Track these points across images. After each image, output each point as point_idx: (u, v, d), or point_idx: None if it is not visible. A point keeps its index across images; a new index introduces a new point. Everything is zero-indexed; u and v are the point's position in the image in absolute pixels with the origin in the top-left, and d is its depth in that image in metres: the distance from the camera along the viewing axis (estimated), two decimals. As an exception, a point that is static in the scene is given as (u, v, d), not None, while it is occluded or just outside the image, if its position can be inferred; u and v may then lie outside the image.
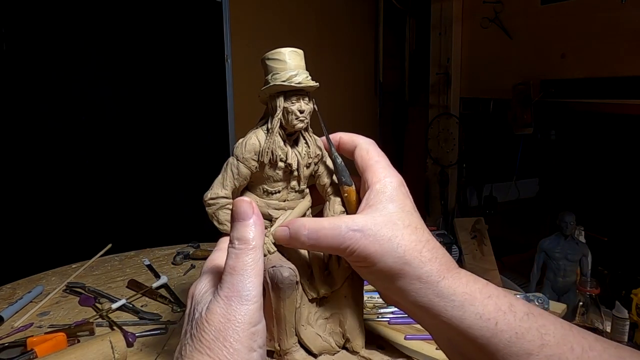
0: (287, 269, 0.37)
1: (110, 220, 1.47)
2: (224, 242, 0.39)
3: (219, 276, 0.34)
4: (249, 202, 0.32)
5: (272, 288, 0.38)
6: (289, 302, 0.38)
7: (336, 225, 0.35)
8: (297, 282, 0.38)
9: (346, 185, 0.40)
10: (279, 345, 0.40)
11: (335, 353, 0.42)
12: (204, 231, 0.68)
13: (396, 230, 0.35)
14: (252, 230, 0.31)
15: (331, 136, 0.43)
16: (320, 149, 0.42)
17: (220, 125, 1.77)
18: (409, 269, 0.34)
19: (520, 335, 0.31)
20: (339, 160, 0.41)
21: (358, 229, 0.34)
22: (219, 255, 0.37)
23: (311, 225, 0.35)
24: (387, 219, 0.35)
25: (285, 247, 0.41)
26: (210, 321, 0.28)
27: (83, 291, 0.68)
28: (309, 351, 0.41)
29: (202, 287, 0.32)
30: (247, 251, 0.30)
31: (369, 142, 0.41)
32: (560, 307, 0.66)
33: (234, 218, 0.32)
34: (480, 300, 0.33)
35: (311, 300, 0.42)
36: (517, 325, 0.31)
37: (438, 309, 0.33)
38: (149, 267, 0.79)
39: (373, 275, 0.36)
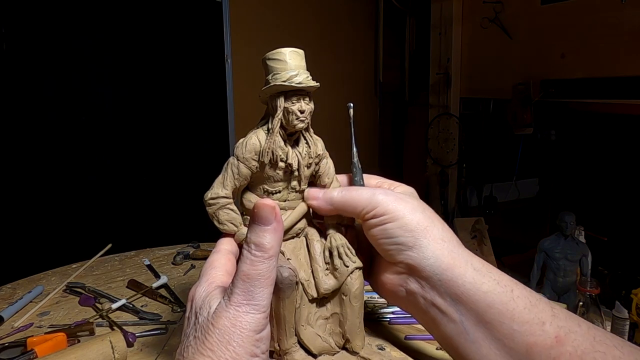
0: (287, 269, 0.37)
1: (111, 220, 1.47)
2: (223, 243, 0.39)
3: (219, 279, 0.34)
4: (271, 207, 0.30)
5: None
6: (289, 302, 0.38)
7: (369, 188, 0.39)
8: (296, 282, 0.38)
9: None
10: (279, 346, 0.40)
11: (335, 353, 0.42)
12: (204, 231, 0.68)
13: (424, 205, 0.38)
14: (271, 237, 0.30)
15: (370, 177, 0.45)
16: (322, 149, 0.43)
17: (220, 125, 1.77)
18: (433, 228, 0.36)
19: (534, 304, 0.33)
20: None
21: (390, 193, 0.38)
22: (217, 257, 0.37)
23: (343, 186, 0.41)
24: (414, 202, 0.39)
25: (284, 248, 0.41)
26: (217, 324, 0.29)
27: (83, 291, 0.68)
28: (308, 351, 0.41)
29: (202, 290, 0.32)
30: (264, 259, 0.30)
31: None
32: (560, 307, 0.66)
33: (254, 220, 0.31)
34: (496, 270, 0.35)
35: (311, 301, 0.42)
36: (530, 295, 0.33)
37: (458, 272, 0.34)
38: (149, 267, 0.78)
39: (392, 239, 0.36)
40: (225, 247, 0.38)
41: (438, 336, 0.37)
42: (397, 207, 0.36)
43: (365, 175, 0.44)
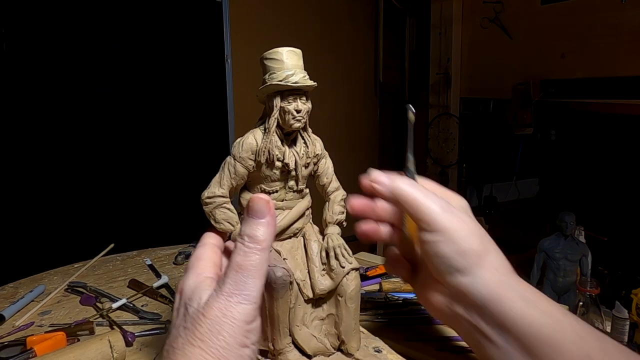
0: (281, 269, 0.37)
1: (113, 220, 1.47)
2: (208, 237, 0.39)
3: (207, 270, 0.34)
4: (265, 201, 0.31)
5: (265, 287, 0.38)
6: (282, 302, 0.38)
7: (436, 199, 0.36)
8: (290, 282, 0.38)
9: None
10: (273, 345, 0.40)
11: (330, 355, 0.42)
12: (206, 231, 0.68)
13: (480, 228, 0.37)
14: (264, 230, 0.31)
15: (425, 182, 0.41)
16: (320, 149, 0.43)
17: (220, 125, 1.77)
18: (487, 256, 0.35)
19: (582, 337, 0.32)
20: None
21: (451, 210, 0.36)
22: (203, 250, 0.37)
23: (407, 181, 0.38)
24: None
25: (281, 247, 0.41)
26: (207, 314, 0.29)
27: (84, 291, 0.68)
28: (303, 352, 0.41)
29: (191, 281, 0.33)
30: (256, 251, 0.30)
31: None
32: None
33: (249, 214, 0.32)
34: (546, 300, 0.34)
35: (307, 301, 0.42)
36: (579, 327, 0.32)
37: (508, 302, 0.33)
38: (151, 267, 0.79)
39: (445, 259, 0.35)
40: (210, 241, 0.39)
41: (481, 357, 0.37)
42: (455, 228, 0.35)
43: (418, 179, 0.41)
